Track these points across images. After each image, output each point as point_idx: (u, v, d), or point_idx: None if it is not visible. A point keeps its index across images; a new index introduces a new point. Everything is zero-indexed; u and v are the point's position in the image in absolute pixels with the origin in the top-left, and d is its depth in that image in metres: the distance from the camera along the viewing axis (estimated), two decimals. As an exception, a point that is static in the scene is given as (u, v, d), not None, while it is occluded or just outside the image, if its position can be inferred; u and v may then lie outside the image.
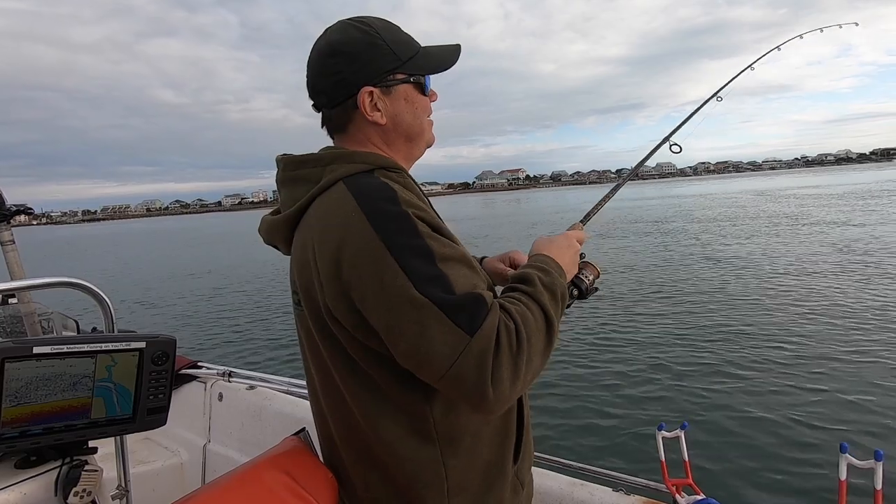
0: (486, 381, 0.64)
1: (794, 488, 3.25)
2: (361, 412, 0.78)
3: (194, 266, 19.39)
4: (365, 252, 0.69)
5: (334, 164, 0.80)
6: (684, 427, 1.26)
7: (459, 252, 0.73)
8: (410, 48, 0.86)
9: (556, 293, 0.78)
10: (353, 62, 0.81)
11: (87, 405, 0.99)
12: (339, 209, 0.74)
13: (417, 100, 0.87)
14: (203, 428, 2.38)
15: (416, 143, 0.90)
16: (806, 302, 7.67)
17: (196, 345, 7.86)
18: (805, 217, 20.83)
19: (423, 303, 0.65)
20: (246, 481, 0.83)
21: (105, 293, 1.23)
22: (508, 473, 0.85)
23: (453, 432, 0.78)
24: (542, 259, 0.84)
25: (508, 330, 0.67)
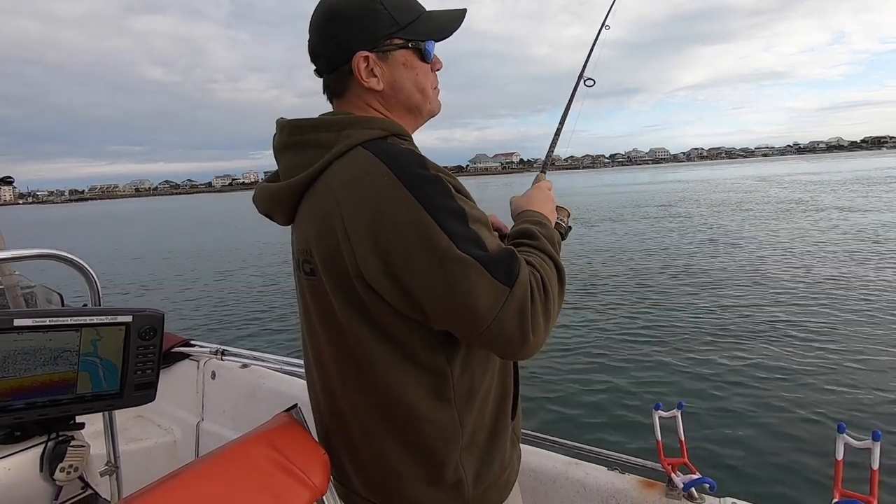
0: (528, 327, 0.69)
1: (790, 468, 3.30)
2: (384, 378, 0.79)
3: (187, 246, 19.28)
4: (405, 217, 0.69)
5: (350, 129, 0.78)
6: (681, 407, 1.25)
7: (483, 214, 0.77)
8: (411, 12, 0.83)
9: (555, 241, 0.85)
10: (349, 26, 0.79)
11: (72, 380, 0.96)
12: (368, 174, 0.73)
13: (417, 66, 0.84)
14: (196, 406, 2.37)
15: (417, 111, 0.88)
16: (808, 284, 7.74)
17: (190, 323, 7.84)
18: (814, 203, 20.87)
19: (465, 260, 0.68)
20: (235, 457, 0.81)
21: (91, 268, 1.20)
22: (508, 427, 0.90)
23: (468, 392, 0.82)
24: (534, 214, 0.90)
25: (537, 280, 0.73)
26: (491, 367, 0.85)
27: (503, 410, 0.89)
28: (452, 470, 0.82)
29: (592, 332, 6.22)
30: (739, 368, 4.87)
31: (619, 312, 6.97)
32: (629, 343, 5.76)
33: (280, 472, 0.80)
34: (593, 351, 5.58)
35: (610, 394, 4.52)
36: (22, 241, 1.39)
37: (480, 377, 0.83)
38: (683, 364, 5.06)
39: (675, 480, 1.21)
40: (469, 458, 0.83)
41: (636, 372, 4.95)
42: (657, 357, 5.28)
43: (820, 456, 3.35)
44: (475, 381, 0.82)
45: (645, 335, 5.98)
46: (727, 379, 4.65)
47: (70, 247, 1.15)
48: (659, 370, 4.97)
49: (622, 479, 1.31)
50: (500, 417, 0.88)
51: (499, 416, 0.88)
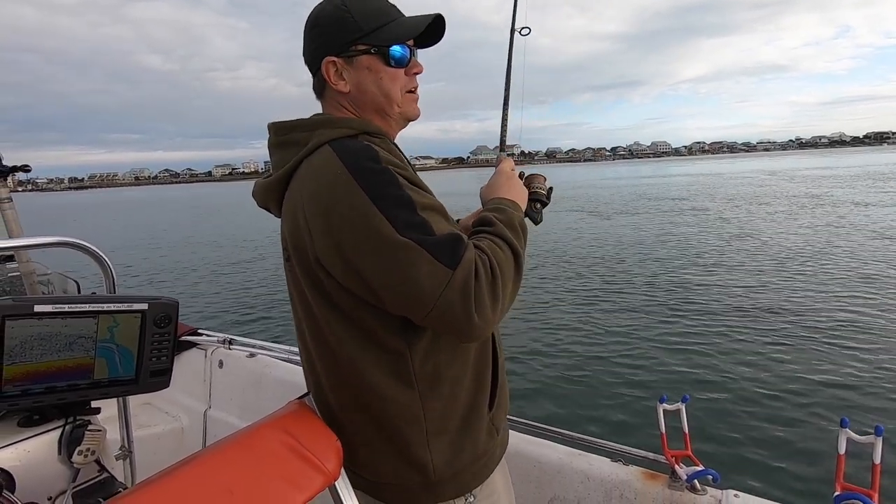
0: (471, 307, 0.72)
1: (792, 461, 3.32)
2: (348, 358, 0.85)
3: (193, 235, 19.34)
4: (352, 206, 0.75)
5: (321, 129, 0.85)
6: (685, 400, 1.26)
7: (437, 203, 0.82)
8: (378, 19, 0.87)
9: (515, 225, 0.87)
10: (321, 34, 0.88)
11: (89, 365, 0.98)
12: (326, 169, 0.79)
13: (382, 70, 0.89)
14: (203, 394, 2.40)
15: (385, 114, 0.92)
16: (817, 279, 7.73)
17: (196, 313, 7.89)
18: (829, 197, 20.64)
19: (407, 244, 0.73)
20: (250, 442, 0.83)
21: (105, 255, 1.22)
22: (484, 418, 0.92)
23: (432, 378, 0.85)
24: (495, 201, 0.94)
25: (483, 261, 0.76)
26: (461, 356, 0.88)
27: (479, 400, 0.91)
28: (419, 452, 0.86)
29: (599, 323, 6.24)
30: (744, 362, 4.89)
31: (628, 304, 6.98)
32: (635, 335, 5.78)
33: (295, 457, 0.82)
34: (600, 342, 5.61)
35: (615, 386, 4.55)
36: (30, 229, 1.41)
37: (448, 364, 0.86)
38: (689, 357, 5.08)
39: (679, 472, 1.23)
40: (438, 443, 0.86)
41: (641, 364, 4.98)
42: (663, 349, 5.30)
43: (822, 450, 3.36)
44: (441, 368, 0.86)
45: (652, 327, 6.00)
46: (732, 372, 4.66)
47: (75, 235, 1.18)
48: (664, 362, 4.99)
49: (626, 471, 1.32)
50: (474, 406, 0.90)
51: (473, 405, 0.90)
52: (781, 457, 3.36)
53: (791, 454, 3.38)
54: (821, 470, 3.17)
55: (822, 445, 3.42)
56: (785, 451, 3.42)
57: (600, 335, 5.89)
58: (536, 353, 5.44)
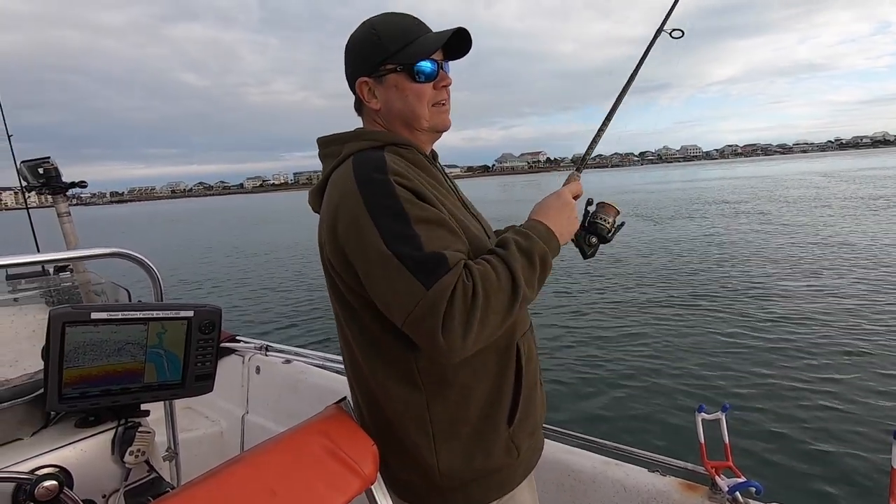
0: (437, 330, 0.73)
1: (841, 474, 3.15)
2: (362, 356, 0.90)
3: (229, 245, 19.94)
4: (351, 213, 0.81)
5: (350, 142, 0.92)
6: (725, 409, 1.23)
7: (438, 216, 0.82)
8: (403, 38, 0.91)
9: (533, 256, 0.84)
10: (355, 57, 0.95)
11: (140, 370, 1.03)
12: (342, 179, 0.86)
13: (408, 87, 0.93)
14: (241, 399, 2.47)
15: (413, 127, 0.96)
16: (872, 286, 7.33)
17: (235, 319, 8.13)
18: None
19: (389, 257, 0.76)
20: (291, 445, 0.86)
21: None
22: (501, 433, 0.91)
23: (439, 381, 0.87)
24: (529, 224, 0.92)
25: (465, 287, 0.75)
26: (473, 364, 0.87)
27: (493, 413, 0.90)
28: (426, 454, 0.88)
29: (637, 330, 6.11)
30: (789, 370, 4.68)
31: (667, 310, 6.81)
32: (675, 342, 5.62)
33: (333, 460, 0.84)
34: (637, 350, 5.48)
35: (652, 394, 4.43)
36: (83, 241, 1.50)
37: (455, 369, 0.87)
38: (730, 364, 4.90)
39: (720, 483, 1.19)
40: (446, 448, 0.88)
41: (680, 371, 4.83)
42: (703, 356, 5.14)
43: (874, 463, 3.17)
44: (448, 372, 0.87)
45: (692, 334, 5.83)
46: (775, 381, 4.47)
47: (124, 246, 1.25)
48: (704, 370, 4.83)
49: (663, 481, 1.30)
50: (488, 419, 0.90)
51: (487, 417, 0.89)
52: (829, 470, 3.20)
53: (839, 468, 3.21)
54: (873, 484, 2.99)
55: (874, 459, 3.23)
56: (833, 464, 3.25)
57: (639, 339, 5.76)
58: (573, 359, 5.36)
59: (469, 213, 0.99)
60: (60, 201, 1.38)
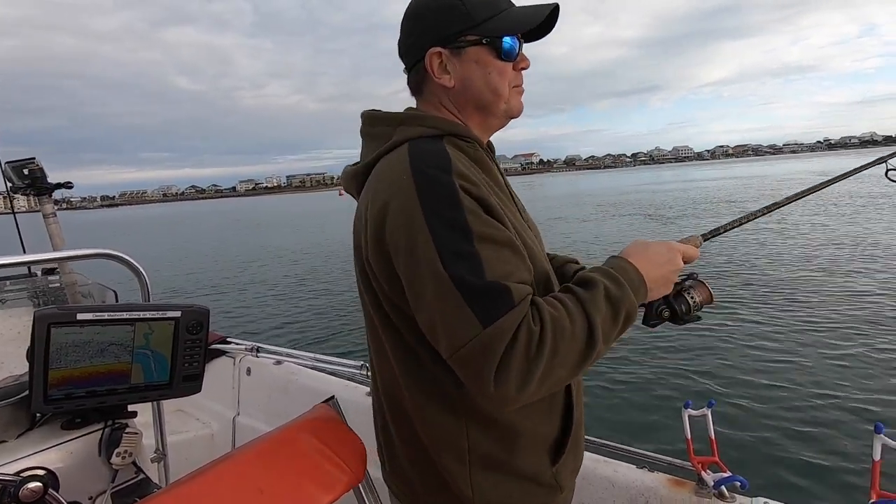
0: (489, 376, 0.62)
1: (825, 467, 3.20)
2: (399, 370, 0.80)
3: (219, 248, 19.83)
4: (404, 215, 0.69)
5: (404, 126, 0.80)
6: (711, 405, 1.25)
7: (505, 235, 0.70)
8: (491, 8, 0.80)
9: (620, 310, 0.71)
10: (426, 24, 0.81)
11: (126, 371, 1.03)
12: (394, 170, 0.74)
13: (491, 63, 0.81)
14: (232, 401, 2.46)
15: (489, 111, 0.85)
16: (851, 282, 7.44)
17: (225, 321, 8.09)
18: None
19: (444, 279, 0.65)
20: (278, 444, 0.86)
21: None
22: (545, 471, 0.82)
23: (482, 415, 0.77)
24: (623, 267, 0.76)
25: (531, 332, 0.64)
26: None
27: (536, 449, 0.81)
28: (461, 484, 0.78)
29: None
30: (773, 366, 4.74)
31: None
32: (661, 338, 5.66)
33: (322, 459, 0.84)
34: (623, 345, 5.51)
35: (639, 390, 4.46)
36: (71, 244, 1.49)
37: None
38: (714, 361, 4.96)
39: (706, 479, 1.21)
40: (484, 480, 0.78)
41: (667, 368, 4.87)
42: (688, 353, 5.18)
43: (856, 456, 3.22)
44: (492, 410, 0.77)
45: (677, 329, 5.87)
46: (759, 376, 4.53)
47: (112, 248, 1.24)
48: (690, 366, 4.88)
49: (651, 477, 1.31)
50: (530, 454, 0.80)
51: (529, 452, 0.80)
52: (813, 463, 3.25)
53: (823, 461, 3.26)
54: (855, 477, 3.03)
55: (857, 452, 3.28)
56: (817, 457, 3.30)
57: (626, 338, 5.80)
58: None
59: (527, 223, 0.87)
60: (46, 202, 1.37)
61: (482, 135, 0.87)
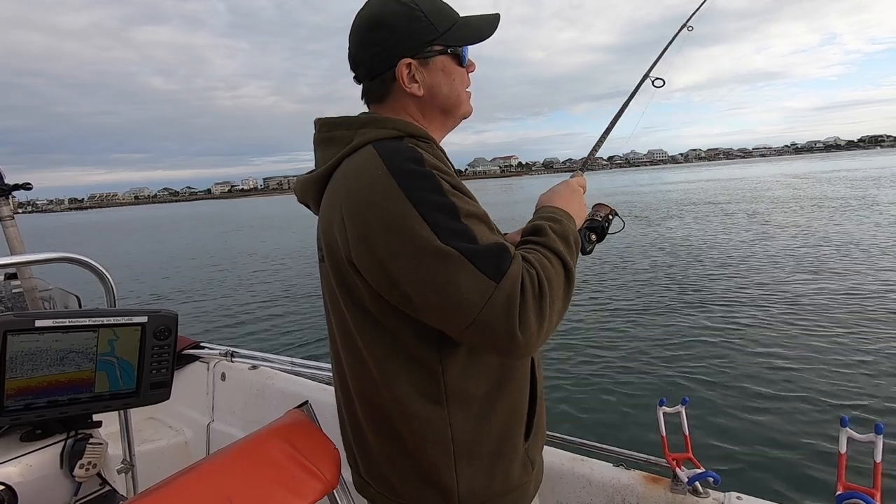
0: (515, 324, 0.67)
1: (794, 460, 3.30)
2: (377, 367, 0.80)
3: (194, 251, 19.43)
4: (392, 209, 0.71)
5: (366, 129, 0.82)
6: (685, 402, 1.26)
7: (482, 211, 0.77)
8: (448, 19, 0.86)
9: (569, 239, 0.81)
10: (392, 35, 0.83)
11: (90, 379, 0.99)
12: (366, 169, 0.76)
13: (454, 71, 0.87)
14: (206, 407, 2.40)
15: (451, 114, 0.91)
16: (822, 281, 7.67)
17: (199, 326, 7.91)
18: (873, 198, 20.35)
19: (449, 252, 0.68)
20: (249, 451, 0.84)
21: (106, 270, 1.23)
22: (519, 449, 0.85)
23: (463, 397, 0.80)
24: (550, 210, 0.87)
25: (531, 276, 0.70)
26: (497, 378, 0.82)
27: (513, 428, 0.85)
28: (444, 474, 0.80)
29: (598, 326, 6.23)
30: (744, 362, 4.87)
31: (630, 308, 6.96)
32: (635, 338, 5.77)
33: (294, 465, 0.82)
34: (599, 346, 5.59)
35: (615, 390, 4.53)
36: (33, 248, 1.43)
37: (480, 385, 0.81)
38: (688, 358, 5.06)
39: (680, 475, 1.22)
40: (467, 467, 0.81)
41: (641, 367, 4.96)
42: (662, 352, 5.28)
43: (824, 449, 3.34)
44: (473, 388, 0.80)
45: (651, 329, 5.98)
46: (731, 372, 4.65)
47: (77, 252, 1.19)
48: (664, 365, 4.97)
49: (628, 475, 1.32)
50: (508, 435, 0.84)
51: (507, 434, 0.84)
52: (783, 457, 3.34)
53: (793, 454, 3.37)
54: (822, 469, 3.14)
55: (824, 444, 3.39)
56: (786, 451, 3.41)
57: (600, 337, 5.88)
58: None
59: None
60: (3, 204, 1.32)
61: (438, 137, 0.91)
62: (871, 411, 3.83)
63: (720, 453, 3.41)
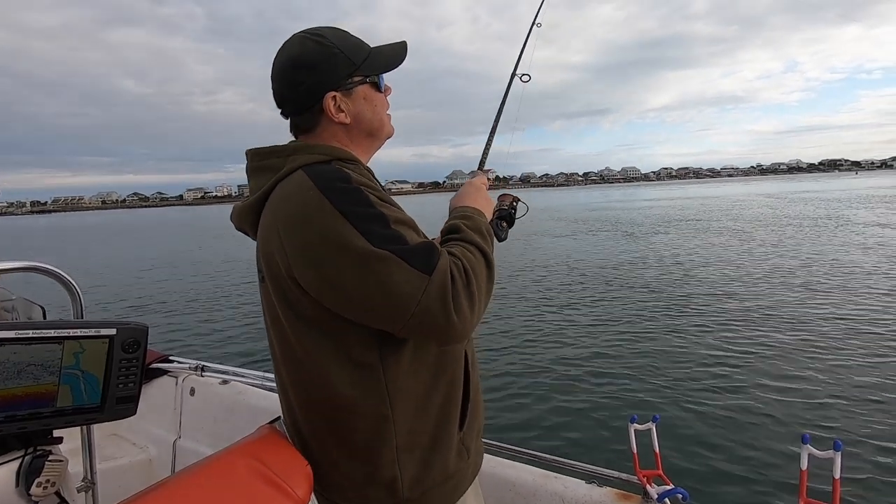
0: (450, 309, 0.75)
1: (758, 477, 3.38)
2: (320, 376, 0.86)
3: (165, 261, 18.92)
4: (326, 224, 0.78)
5: (295, 155, 0.89)
6: (655, 420, 1.29)
7: (408, 217, 0.84)
8: (362, 51, 0.95)
9: (482, 230, 0.92)
10: (314, 72, 0.91)
11: (52, 393, 0.96)
12: (299, 191, 0.82)
13: (375, 97, 0.97)
14: (174, 423, 2.33)
15: (376, 136, 1.00)
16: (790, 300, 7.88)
17: (170, 339, 7.68)
18: (847, 217, 21.06)
19: (384, 255, 0.75)
20: (217, 469, 0.82)
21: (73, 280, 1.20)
22: (454, 438, 0.92)
23: (403, 394, 0.86)
24: (461, 209, 0.98)
25: (458, 266, 0.79)
26: (433, 371, 0.89)
27: (448, 419, 0.92)
28: (388, 468, 0.87)
29: (570, 344, 6.27)
30: (712, 382, 4.97)
31: (597, 326, 7.04)
32: (607, 356, 5.83)
33: (263, 483, 0.81)
34: (572, 364, 5.63)
35: (588, 406, 4.56)
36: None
37: (418, 379, 0.88)
38: (659, 376, 5.14)
39: (650, 492, 1.24)
40: (409, 459, 0.87)
41: (614, 385, 5.01)
42: (634, 370, 5.35)
43: (787, 465, 3.44)
44: (411, 383, 0.87)
45: (622, 348, 6.06)
46: (700, 392, 4.74)
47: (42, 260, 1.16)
48: (636, 383, 5.04)
49: (599, 492, 1.33)
50: (443, 425, 0.91)
51: (443, 424, 0.91)
52: (748, 474, 3.42)
53: (756, 470, 3.45)
54: (786, 485, 3.23)
55: (787, 461, 3.49)
56: (750, 467, 3.49)
57: (573, 355, 5.93)
58: (509, 373, 5.43)
59: None
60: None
61: (364, 158, 0.99)
62: (833, 428, 3.95)
63: (689, 470, 3.46)
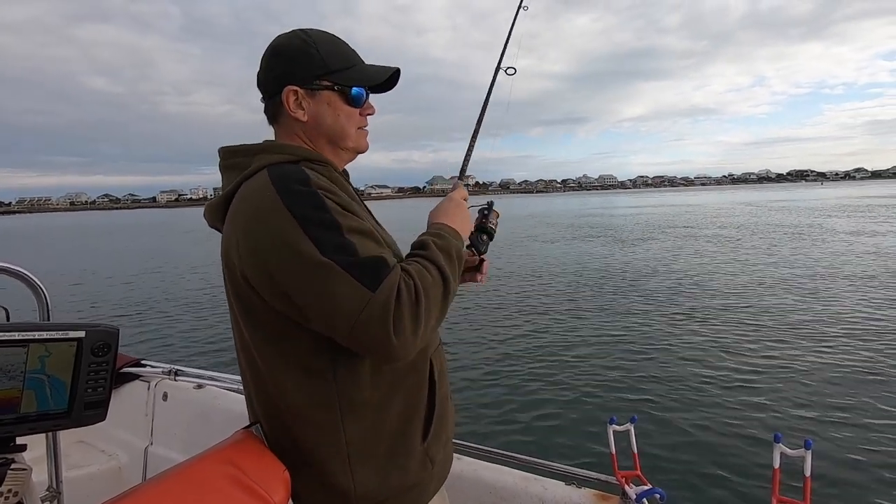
0: (389, 329, 0.73)
1: (732, 476, 3.47)
2: (273, 380, 0.86)
3: (137, 262, 18.43)
4: (278, 227, 0.77)
5: (262, 154, 0.89)
6: (633, 420, 1.30)
7: (367, 227, 0.83)
8: (344, 61, 0.95)
9: (451, 252, 0.89)
10: (285, 63, 0.93)
11: (15, 398, 0.92)
12: (258, 191, 0.82)
13: (340, 107, 0.95)
14: (145, 429, 2.26)
15: (337, 145, 0.98)
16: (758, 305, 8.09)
17: (143, 342, 7.47)
18: (829, 226, 21.63)
19: (329, 265, 0.74)
20: (191, 475, 0.79)
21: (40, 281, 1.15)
22: (416, 448, 0.91)
23: (355, 402, 0.86)
24: (437, 226, 0.96)
25: (408, 285, 0.77)
26: (389, 381, 0.88)
27: (409, 430, 0.91)
28: (341, 477, 0.86)
29: (550, 347, 6.34)
30: (687, 383, 5.08)
31: (575, 329, 7.13)
32: (586, 358, 5.91)
33: (239, 489, 0.79)
34: (551, 366, 5.68)
35: (568, 409, 4.61)
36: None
37: (373, 389, 0.87)
38: (637, 379, 5.23)
39: (629, 492, 1.25)
40: (362, 469, 0.86)
41: (593, 386, 5.08)
42: (613, 372, 5.43)
43: (760, 464, 3.54)
44: (365, 392, 0.86)
45: (600, 350, 6.15)
46: (676, 393, 4.84)
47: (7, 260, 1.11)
48: (615, 384, 5.12)
49: (579, 494, 1.34)
50: (404, 435, 0.90)
51: (402, 434, 0.90)
52: (722, 472, 3.51)
53: (731, 469, 3.54)
54: (759, 484, 3.32)
55: (761, 460, 3.59)
56: (725, 466, 3.58)
57: (552, 357, 5.99)
58: (488, 375, 5.47)
59: (384, 232, 1.00)
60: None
61: (337, 162, 0.98)
62: (802, 428, 4.08)
63: (667, 469, 3.53)
